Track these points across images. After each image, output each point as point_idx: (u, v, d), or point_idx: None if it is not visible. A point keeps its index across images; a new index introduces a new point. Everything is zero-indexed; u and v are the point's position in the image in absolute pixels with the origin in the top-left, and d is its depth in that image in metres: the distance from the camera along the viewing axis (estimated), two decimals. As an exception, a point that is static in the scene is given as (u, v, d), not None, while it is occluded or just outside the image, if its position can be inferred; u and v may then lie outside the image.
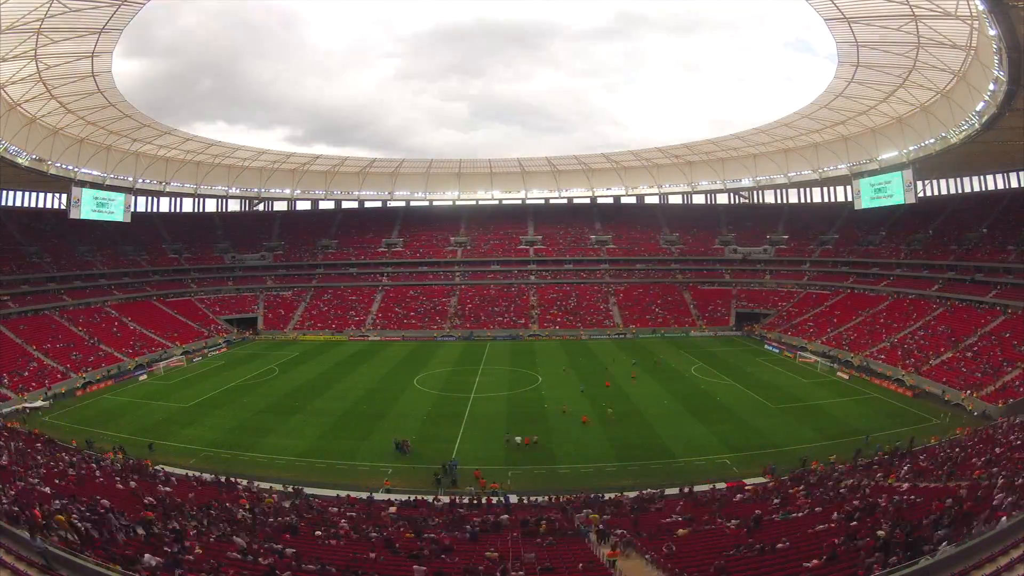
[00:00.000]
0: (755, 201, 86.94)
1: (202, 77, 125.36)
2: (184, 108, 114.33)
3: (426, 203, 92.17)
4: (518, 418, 37.25)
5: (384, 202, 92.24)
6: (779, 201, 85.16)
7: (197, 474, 26.85)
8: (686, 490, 25.04)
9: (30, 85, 42.39)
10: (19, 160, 50.31)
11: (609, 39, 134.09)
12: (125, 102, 50.36)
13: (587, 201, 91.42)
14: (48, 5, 32.88)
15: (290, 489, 25.22)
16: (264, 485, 26.05)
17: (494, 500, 24.78)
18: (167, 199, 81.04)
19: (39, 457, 23.89)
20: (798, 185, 78.68)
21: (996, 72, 34.69)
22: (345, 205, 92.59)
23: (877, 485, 21.02)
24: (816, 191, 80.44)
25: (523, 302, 77.23)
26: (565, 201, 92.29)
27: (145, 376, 49.78)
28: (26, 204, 67.93)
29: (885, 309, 58.77)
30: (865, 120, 56.04)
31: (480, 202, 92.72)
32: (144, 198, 76.26)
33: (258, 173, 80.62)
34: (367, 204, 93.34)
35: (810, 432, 33.61)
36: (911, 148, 54.12)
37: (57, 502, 15.77)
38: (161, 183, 71.91)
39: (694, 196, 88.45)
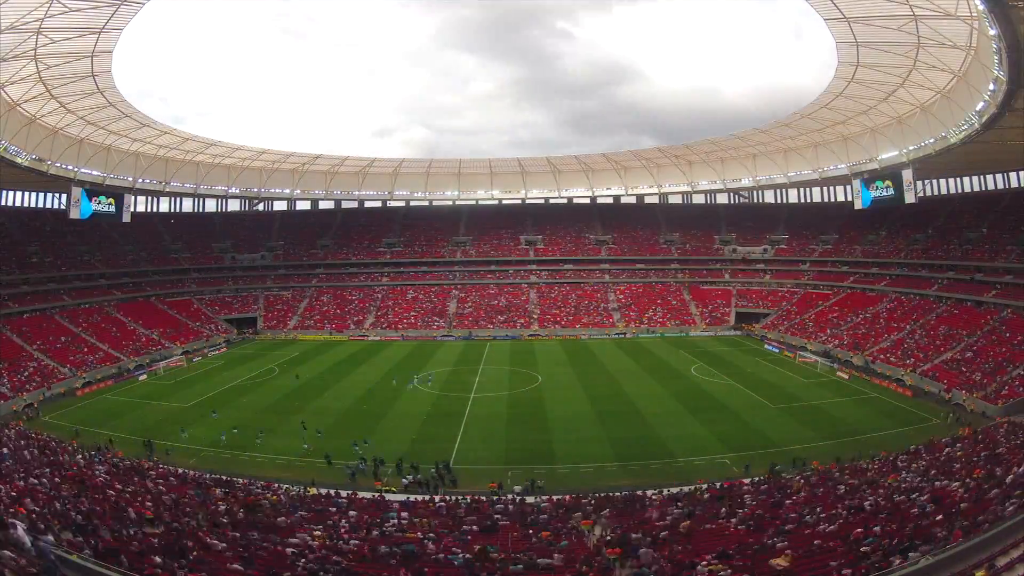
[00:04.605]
0: (755, 201, 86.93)
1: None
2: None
3: (426, 203, 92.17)
4: (518, 418, 37.31)
5: (384, 202, 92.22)
6: (779, 201, 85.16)
7: (194, 473, 26.85)
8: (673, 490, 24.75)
9: (30, 85, 42.32)
10: (19, 160, 50.24)
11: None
12: (125, 102, 50.32)
13: (587, 201, 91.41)
14: (48, 5, 32.84)
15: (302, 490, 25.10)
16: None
17: (483, 499, 24.70)
18: (167, 199, 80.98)
19: (41, 457, 23.89)
20: (798, 185, 78.63)
21: (996, 72, 34.67)
22: (345, 205, 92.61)
23: (877, 485, 21.02)
24: (816, 191, 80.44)
25: (523, 302, 77.24)
26: (565, 201, 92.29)
27: (145, 376, 49.78)
28: (26, 204, 67.90)
29: (885, 309, 58.79)
30: (865, 120, 56.02)
31: (480, 202, 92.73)
32: (144, 198, 76.20)
33: (258, 173, 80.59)
34: (367, 204, 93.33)
35: (810, 432, 33.63)
36: (911, 148, 54.08)
37: (58, 504, 15.78)
38: (161, 183, 71.85)
39: (694, 196, 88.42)
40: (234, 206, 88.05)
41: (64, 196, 60.35)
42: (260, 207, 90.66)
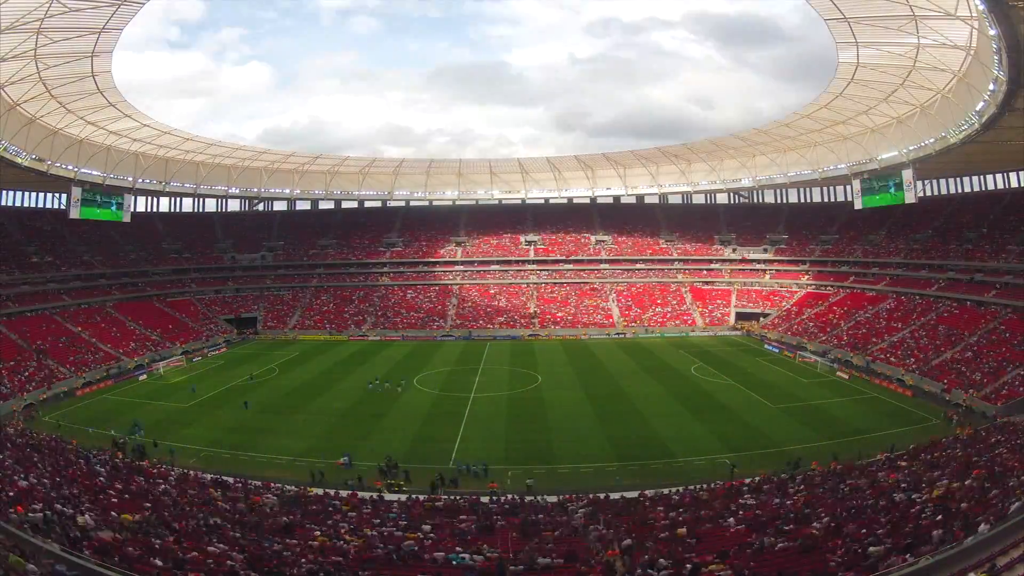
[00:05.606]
0: (755, 201, 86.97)
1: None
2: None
3: (426, 203, 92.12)
4: (518, 417, 37.31)
5: (384, 202, 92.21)
6: (779, 201, 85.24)
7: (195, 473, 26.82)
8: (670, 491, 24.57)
9: (30, 85, 42.29)
10: (19, 160, 50.26)
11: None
12: (125, 102, 50.25)
13: (587, 201, 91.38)
14: (48, 5, 32.83)
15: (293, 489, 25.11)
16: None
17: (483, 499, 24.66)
18: (167, 199, 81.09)
19: (41, 457, 23.86)
20: (798, 185, 78.68)
21: (996, 72, 34.67)
22: (345, 205, 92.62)
23: (877, 485, 21.01)
24: (816, 191, 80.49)
25: (523, 302, 77.24)
26: (565, 201, 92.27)
27: (145, 376, 49.79)
28: (26, 204, 67.94)
29: (885, 309, 58.78)
30: (865, 120, 56.00)
31: (480, 202, 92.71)
32: (144, 198, 76.26)
33: (258, 173, 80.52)
34: (367, 204, 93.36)
35: (810, 432, 33.62)
36: (911, 148, 54.08)
37: (58, 505, 15.78)
38: (161, 183, 71.81)
39: (694, 196, 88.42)
40: (234, 206, 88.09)
41: (64, 196, 60.37)
42: (260, 207, 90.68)
